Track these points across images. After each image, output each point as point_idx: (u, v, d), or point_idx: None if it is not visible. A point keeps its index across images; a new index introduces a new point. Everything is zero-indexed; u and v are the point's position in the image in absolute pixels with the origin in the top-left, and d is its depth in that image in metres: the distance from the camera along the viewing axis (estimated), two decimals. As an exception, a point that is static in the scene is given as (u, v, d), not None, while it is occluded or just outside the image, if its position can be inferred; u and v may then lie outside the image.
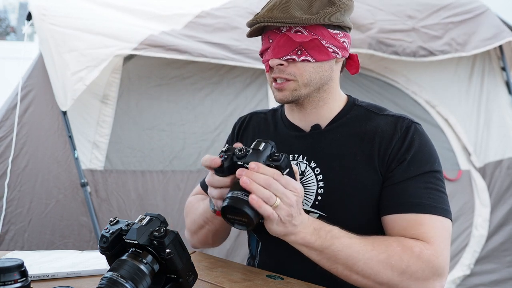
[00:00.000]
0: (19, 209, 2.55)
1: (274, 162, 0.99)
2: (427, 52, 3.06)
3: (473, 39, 3.17)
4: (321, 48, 1.17)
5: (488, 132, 3.36)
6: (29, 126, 2.64)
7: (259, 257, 1.32)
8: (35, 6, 2.64)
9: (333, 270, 1.07)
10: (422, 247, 1.07)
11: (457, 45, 3.12)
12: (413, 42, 3.04)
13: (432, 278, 1.07)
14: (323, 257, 1.05)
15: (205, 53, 2.70)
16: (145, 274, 0.89)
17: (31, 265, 1.13)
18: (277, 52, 1.18)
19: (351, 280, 1.08)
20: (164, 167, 2.74)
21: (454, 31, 3.15)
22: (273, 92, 1.24)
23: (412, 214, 1.12)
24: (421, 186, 1.14)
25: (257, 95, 2.92)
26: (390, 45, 3.00)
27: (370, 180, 1.17)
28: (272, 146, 1.02)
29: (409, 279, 1.05)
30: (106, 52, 2.55)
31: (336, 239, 1.05)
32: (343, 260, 1.05)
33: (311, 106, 1.26)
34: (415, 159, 1.16)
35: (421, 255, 1.06)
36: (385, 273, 1.05)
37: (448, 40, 3.11)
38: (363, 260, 1.04)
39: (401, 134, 1.18)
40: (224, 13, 2.95)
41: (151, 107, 2.77)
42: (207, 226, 1.29)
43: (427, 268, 1.06)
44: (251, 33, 1.23)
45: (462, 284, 3.19)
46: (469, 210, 3.22)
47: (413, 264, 1.05)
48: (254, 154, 1.00)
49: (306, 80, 1.19)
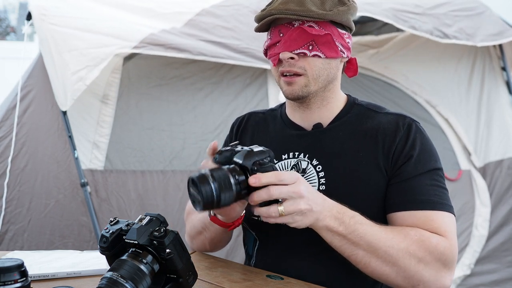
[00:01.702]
0: (18, 209, 2.55)
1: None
2: (442, 34, 3.00)
3: (480, 32, 3.15)
4: (331, 45, 1.19)
5: (489, 132, 3.36)
6: (29, 126, 2.64)
7: (255, 257, 1.31)
8: (35, 6, 2.64)
9: (353, 257, 1.08)
10: (439, 240, 1.09)
11: (466, 35, 3.10)
12: (427, 23, 2.99)
13: (444, 270, 1.09)
14: (345, 242, 1.06)
15: (205, 52, 2.70)
16: (145, 274, 0.89)
17: (31, 265, 1.12)
18: (289, 45, 1.18)
19: (369, 267, 1.08)
20: (164, 167, 2.74)
21: (463, 22, 3.12)
22: (282, 87, 1.23)
23: (422, 211, 1.13)
24: (428, 183, 1.16)
25: (257, 95, 2.92)
26: (406, 20, 2.94)
27: (372, 177, 1.18)
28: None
29: (424, 269, 1.07)
30: (106, 51, 2.55)
31: (359, 225, 1.06)
32: (365, 246, 1.06)
33: (315, 105, 1.26)
34: (421, 157, 1.17)
35: (438, 246, 1.08)
36: (404, 261, 1.06)
37: (457, 28, 3.09)
38: (384, 247, 1.06)
39: (404, 132, 1.20)
40: (225, 11, 2.95)
41: (151, 107, 2.77)
42: (204, 232, 1.29)
43: (441, 260, 1.08)
44: (260, 26, 1.24)
45: (462, 284, 3.19)
46: (469, 210, 3.22)
47: (430, 255, 1.07)
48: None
49: (316, 75, 1.19)
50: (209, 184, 0.94)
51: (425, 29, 2.95)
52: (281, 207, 0.98)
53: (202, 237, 1.31)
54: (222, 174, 0.97)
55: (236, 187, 0.97)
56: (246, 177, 0.98)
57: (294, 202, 0.98)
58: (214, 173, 0.96)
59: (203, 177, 0.95)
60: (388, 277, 1.09)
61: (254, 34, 2.82)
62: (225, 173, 0.97)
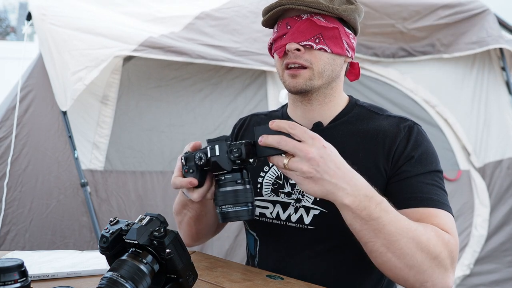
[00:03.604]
0: (20, 210, 2.55)
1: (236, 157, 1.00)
2: (406, 53, 3.15)
3: (461, 40, 3.22)
4: (338, 40, 1.19)
5: (488, 132, 3.36)
6: (29, 126, 2.64)
7: (259, 256, 1.32)
8: (35, 6, 2.64)
9: (369, 245, 1.01)
10: (449, 237, 1.07)
11: (441, 46, 3.20)
12: (393, 44, 3.15)
13: (450, 268, 1.06)
14: (366, 228, 0.99)
15: (204, 55, 2.70)
16: (145, 274, 0.89)
17: (31, 265, 1.13)
18: (296, 37, 1.18)
19: (381, 259, 1.02)
20: (163, 168, 2.74)
21: (443, 32, 3.21)
22: (285, 81, 1.23)
23: (425, 208, 1.12)
24: (428, 182, 1.15)
25: (257, 95, 2.92)
26: (370, 47, 3.09)
27: (371, 177, 1.17)
28: (227, 141, 1.02)
29: (436, 266, 1.03)
30: (105, 52, 2.55)
31: (384, 212, 0.99)
32: (385, 235, 0.99)
33: (317, 102, 1.26)
34: (422, 158, 1.17)
35: (449, 244, 1.05)
36: (420, 256, 1.01)
37: (432, 41, 3.18)
38: (405, 239, 0.99)
39: (404, 133, 1.20)
40: (224, 14, 2.95)
41: (151, 108, 2.77)
42: (187, 213, 1.28)
43: (449, 257, 1.05)
44: (268, 19, 1.24)
45: (462, 284, 3.19)
46: (468, 210, 3.23)
47: (443, 251, 1.04)
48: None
49: (321, 69, 1.19)
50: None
51: (388, 53, 3.15)
52: (286, 160, 0.95)
53: (186, 219, 1.30)
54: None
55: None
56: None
57: (298, 160, 0.94)
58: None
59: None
60: (399, 271, 1.02)
61: (253, 36, 2.86)
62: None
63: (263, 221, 1.27)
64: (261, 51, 2.79)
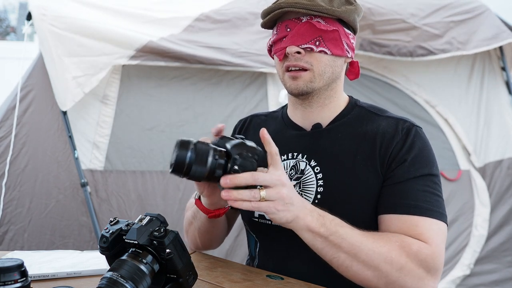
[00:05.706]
0: (19, 209, 2.55)
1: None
2: (426, 51, 3.06)
3: (474, 38, 3.17)
4: (338, 42, 1.19)
5: (488, 132, 3.36)
6: (29, 126, 2.64)
7: (258, 258, 1.32)
8: (35, 6, 2.64)
9: (335, 260, 1.06)
10: (421, 246, 1.07)
11: (458, 44, 3.12)
12: (411, 42, 3.04)
13: (427, 277, 1.07)
14: (327, 245, 1.04)
15: (203, 59, 2.70)
16: (145, 274, 0.89)
17: (31, 265, 1.13)
18: (296, 40, 1.18)
19: (352, 271, 1.06)
20: (163, 168, 2.74)
21: (455, 30, 3.15)
22: (286, 83, 1.23)
23: (409, 216, 1.12)
24: (419, 188, 1.14)
25: (257, 95, 2.92)
26: (384, 45, 3.00)
27: (369, 179, 1.18)
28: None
29: (406, 276, 1.05)
30: (105, 60, 2.58)
31: (340, 227, 1.04)
32: (346, 249, 1.04)
33: (317, 104, 1.26)
34: (415, 161, 1.16)
35: (419, 254, 1.06)
36: (385, 267, 1.04)
37: (449, 39, 3.11)
38: (365, 250, 1.04)
39: (402, 136, 1.19)
40: (224, 16, 2.94)
41: (151, 108, 2.77)
42: (194, 222, 1.30)
43: (422, 267, 1.06)
44: (267, 21, 1.24)
45: (462, 284, 3.19)
46: (469, 210, 3.22)
47: (411, 262, 1.05)
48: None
49: (321, 71, 1.19)
50: (187, 151, 0.96)
51: (405, 51, 3.02)
52: (263, 192, 0.96)
53: (193, 228, 1.32)
54: (204, 148, 0.97)
55: (211, 165, 0.97)
56: (226, 163, 0.98)
57: (276, 188, 0.97)
58: (198, 144, 0.97)
59: (186, 143, 0.97)
60: (370, 282, 1.07)
61: (253, 37, 2.86)
62: (207, 149, 0.97)
63: (262, 223, 1.27)
64: (261, 51, 2.79)
